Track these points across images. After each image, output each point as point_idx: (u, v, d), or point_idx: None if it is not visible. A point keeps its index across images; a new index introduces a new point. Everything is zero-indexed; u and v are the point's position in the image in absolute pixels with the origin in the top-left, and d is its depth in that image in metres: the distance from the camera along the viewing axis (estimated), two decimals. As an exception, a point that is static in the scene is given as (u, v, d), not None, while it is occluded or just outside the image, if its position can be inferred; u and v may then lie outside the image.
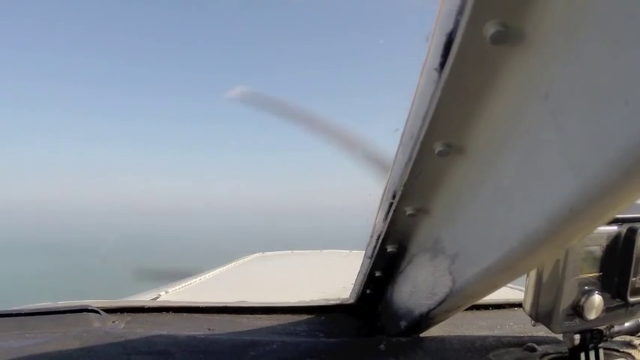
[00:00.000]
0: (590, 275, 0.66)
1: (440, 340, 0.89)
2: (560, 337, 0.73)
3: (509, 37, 0.40)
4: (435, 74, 0.46)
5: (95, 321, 0.95)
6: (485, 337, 0.92)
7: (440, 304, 0.70)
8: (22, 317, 0.95)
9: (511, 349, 0.86)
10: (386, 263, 0.83)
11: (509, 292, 1.15)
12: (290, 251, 3.38)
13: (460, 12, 0.40)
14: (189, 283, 1.95)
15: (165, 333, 0.87)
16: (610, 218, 0.42)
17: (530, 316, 0.69)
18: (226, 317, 1.06)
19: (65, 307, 0.99)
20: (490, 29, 0.39)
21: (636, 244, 0.65)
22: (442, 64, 0.44)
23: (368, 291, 0.95)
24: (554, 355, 0.81)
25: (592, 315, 0.65)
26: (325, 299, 1.14)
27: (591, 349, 0.71)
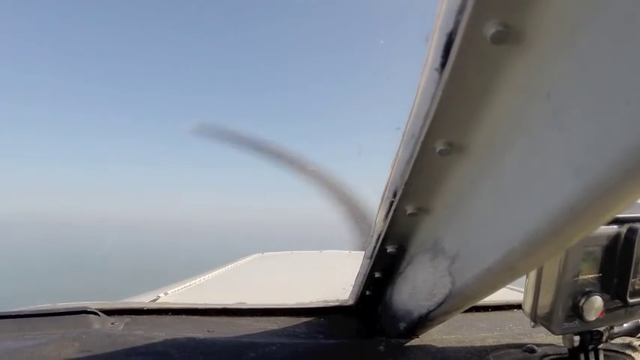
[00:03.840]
0: (590, 276, 0.66)
1: (439, 342, 0.89)
2: (559, 338, 0.73)
3: (509, 36, 0.40)
4: (436, 74, 0.46)
5: (94, 322, 0.95)
6: (484, 339, 0.92)
7: (439, 305, 0.69)
8: (22, 319, 0.95)
9: (510, 350, 0.86)
10: (385, 264, 0.83)
11: (508, 294, 1.15)
12: (290, 251, 3.38)
13: (460, 12, 0.40)
14: (188, 284, 1.95)
15: (164, 335, 0.87)
16: (610, 218, 0.42)
17: (530, 317, 0.69)
18: (225, 319, 1.05)
19: (64, 308, 0.99)
20: (490, 29, 0.39)
21: (636, 245, 0.65)
22: (443, 64, 0.44)
23: (367, 292, 0.95)
24: (554, 357, 0.81)
25: (591, 316, 0.65)
26: (324, 301, 1.14)
27: (591, 350, 0.71)
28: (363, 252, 0.85)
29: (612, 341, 0.75)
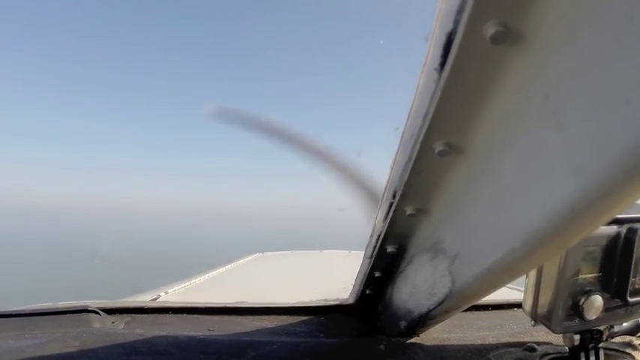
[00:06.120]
0: (590, 275, 0.66)
1: (439, 341, 0.89)
2: (559, 337, 0.73)
3: (509, 36, 0.40)
4: (435, 74, 0.45)
5: (95, 321, 0.95)
6: (484, 338, 0.92)
7: (439, 304, 0.70)
8: (22, 318, 0.95)
9: (511, 349, 0.86)
10: (386, 263, 0.83)
11: (508, 293, 1.15)
12: (290, 251, 3.38)
13: (460, 12, 0.40)
14: (189, 283, 1.95)
15: (164, 333, 0.87)
16: (611, 218, 0.42)
17: (530, 316, 0.69)
18: (226, 318, 1.05)
19: (65, 307, 0.99)
20: (490, 29, 0.39)
21: (636, 245, 0.65)
22: (442, 64, 0.44)
23: (367, 291, 0.95)
24: (554, 356, 0.81)
25: (592, 315, 0.65)
26: (325, 299, 1.14)
27: (591, 349, 0.71)
28: (363, 252, 0.86)
29: (612, 340, 0.75)
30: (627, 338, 0.85)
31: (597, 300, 0.65)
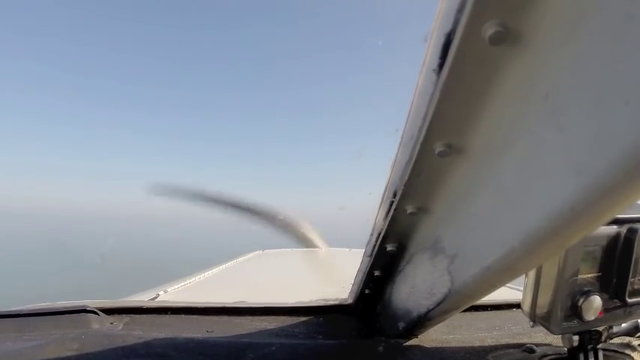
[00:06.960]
0: (589, 276, 0.66)
1: (438, 342, 0.89)
2: (558, 338, 0.73)
3: (508, 37, 0.40)
4: (434, 75, 0.45)
5: (93, 322, 0.94)
6: (483, 339, 0.92)
7: (438, 304, 0.69)
8: (20, 318, 0.95)
9: (509, 350, 0.86)
10: (385, 262, 0.83)
11: (507, 293, 1.15)
12: (290, 249, 3.37)
13: (459, 12, 0.40)
14: (188, 281, 1.94)
15: (163, 335, 0.87)
16: (611, 218, 0.42)
17: (529, 317, 0.69)
18: (225, 318, 1.05)
19: (63, 307, 0.99)
20: (489, 30, 0.39)
21: (636, 245, 0.65)
22: (441, 65, 0.44)
23: (367, 291, 0.95)
24: (553, 357, 0.81)
25: (590, 316, 0.65)
26: (324, 299, 1.14)
27: (590, 350, 0.71)
28: (363, 250, 0.85)
29: (611, 341, 0.75)
30: (626, 339, 0.85)
31: (596, 300, 0.65)
